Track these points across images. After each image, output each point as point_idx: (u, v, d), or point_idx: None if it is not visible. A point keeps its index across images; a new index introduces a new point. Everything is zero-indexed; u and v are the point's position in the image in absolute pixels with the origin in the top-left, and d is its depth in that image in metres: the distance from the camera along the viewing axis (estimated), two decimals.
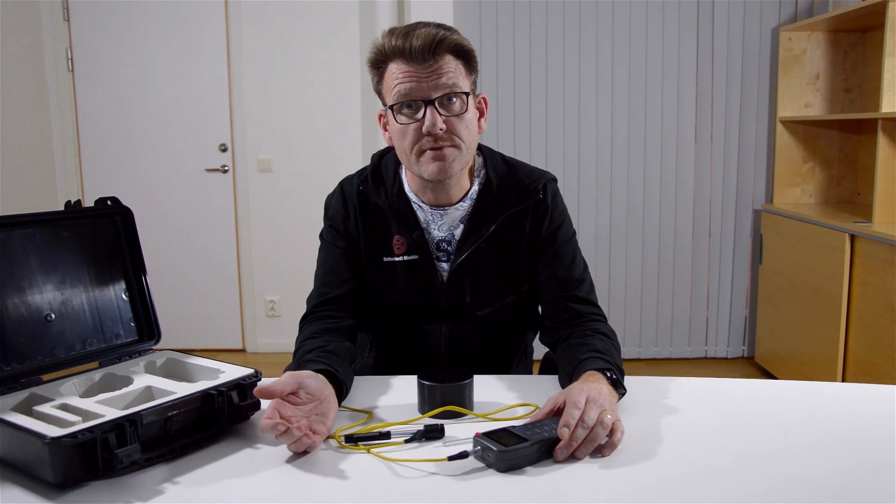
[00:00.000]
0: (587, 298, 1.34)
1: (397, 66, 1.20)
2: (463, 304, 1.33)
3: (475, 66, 1.26)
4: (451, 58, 1.20)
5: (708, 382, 1.25)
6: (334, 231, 1.37)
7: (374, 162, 1.39)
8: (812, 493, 0.87)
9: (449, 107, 1.21)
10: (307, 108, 3.79)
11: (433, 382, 1.10)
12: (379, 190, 1.35)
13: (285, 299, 3.95)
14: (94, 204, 1.17)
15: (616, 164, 3.64)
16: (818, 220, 3.00)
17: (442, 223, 1.33)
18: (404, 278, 1.33)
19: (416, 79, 1.19)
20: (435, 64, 1.19)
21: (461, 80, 1.22)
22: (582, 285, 1.34)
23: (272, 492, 0.89)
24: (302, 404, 1.01)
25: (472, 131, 1.25)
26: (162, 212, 3.88)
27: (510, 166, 1.37)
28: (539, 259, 1.35)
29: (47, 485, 0.88)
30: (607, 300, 3.73)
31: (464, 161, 1.26)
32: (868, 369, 2.69)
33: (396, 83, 1.20)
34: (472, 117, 1.25)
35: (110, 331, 1.16)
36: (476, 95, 1.28)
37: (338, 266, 1.36)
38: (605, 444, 0.98)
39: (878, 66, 2.94)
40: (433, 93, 1.19)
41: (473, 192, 1.33)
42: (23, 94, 3.62)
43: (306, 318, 1.34)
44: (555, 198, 1.37)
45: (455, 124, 1.22)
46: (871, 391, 1.20)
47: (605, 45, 3.56)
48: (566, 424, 0.96)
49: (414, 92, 1.19)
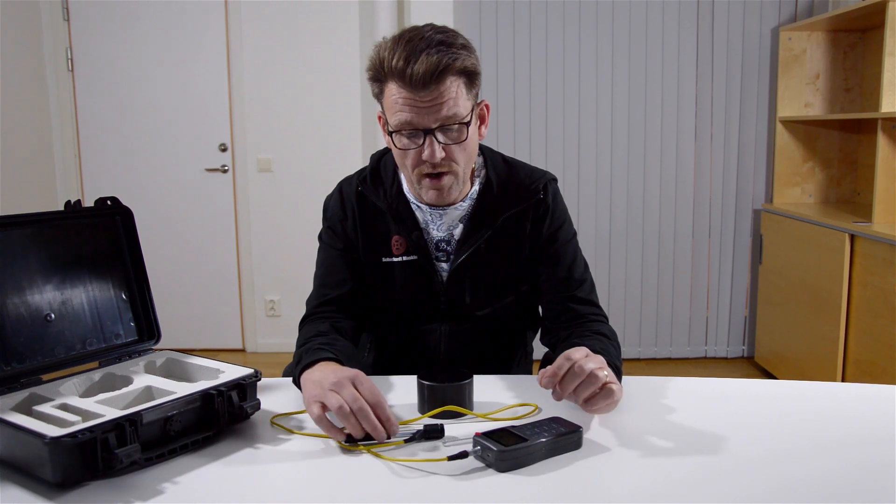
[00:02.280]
0: (588, 299, 1.34)
1: (397, 90, 1.17)
2: (462, 305, 1.33)
3: (478, 80, 1.23)
4: (452, 79, 1.16)
5: (708, 382, 1.25)
6: (332, 232, 1.38)
7: (373, 163, 1.38)
8: (812, 492, 0.87)
9: (448, 134, 1.20)
10: (307, 108, 3.79)
11: (433, 382, 1.10)
12: (378, 190, 1.35)
13: (285, 299, 3.95)
14: (94, 204, 1.17)
15: (616, 163, 3.64)
16: (818, 220, 3.00)
17: (441, 223, 1.33)
18: (403, 279, 1.33)
19: (415, 108, 1.16)
20: (436, 90, 1.15)
21: (462, 103, 1.18)
22: (583, 286, 1.34)
23: (272, 492, 0.89)
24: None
25: (471, 152, 1.25)
26: (162, 212, 3.88)
27: (510, 166, 1.37)
28: (539, 259, 1.35)
29: (47, 485, 0.88)
30: (607, 300, 3.73)
31: (461, 184, 1.27)
32: (868, 369, 2.69)
33: (396, 110, 1.18)
34: (471, 139, 1.24)
35: (110, 331, 1.16)
36: (478, 104, 1.27)
37: (337, 267, 1.36)
38: (602, 397, 1.03)
39: (877, 66, 2.94)
40: (433, 123, 1.17)
41: (473, 192, 1.33)
42: (22, 94, 3.62)
43: (306, 319, 1.34)
44: (555, 198, 1.36)
45: (454, 151, 1.21)
46: (871, 391, 1.20)
47: (605, 44, 3.56)
48: (557, 366, 1.02)
49: (414, 121, 1.17)
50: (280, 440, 1.02)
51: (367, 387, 1.01)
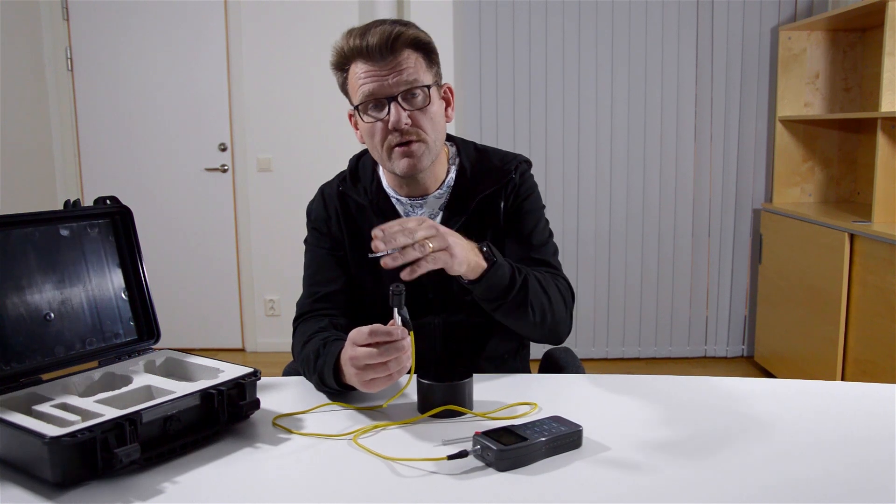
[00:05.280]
0: (543, 259, 1.35)
1: (359, 67, 1.24)
2: (451, 292, 1.34)
3: (436, 58, 1.29)
4: (409, 52, 1.23)
5: (707, 382, 1.25)
6: (318, 233, 1.40)
7: (352, 164, 1.43)
8: (812, 492, 0.87)
9: (412, 101, 1.24)
10: (307, 108, 3.78)
11: (432, 381, 1.10)
12: (358, 188, 1.38)
13: (285, 299, 3.94)
14: (94, 203, 1.17)
15: (616, 163, 3.64)
16: (818, 220, 3.00)
17: (422, 212, 1.36)
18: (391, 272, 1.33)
19: (377, 77, 1.22)
20: (394, 60, 1.22)
21: (422, 73, 1.24)
22: (543, 248, 1.36)
23: (272, 492, 0.89)
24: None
25: (437, 123, 1.28)
26: (161, 211, 3.88)
27: (482, 152, 1.41)
28: (508, 232, 1.37)
29: (47, 484, 0.88)
30: (607, 300, 3.73)
31: (433, 154, 1.29)
32: (867, 368, 2.69)
33: (360, 83, 1.24)
34: (437, 109, 1.28)
35: (110, 330, 1.16)
36: (441, 86, 1.31)
37: (325, 266, 1.38)
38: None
39: (877, 66, 2.94)
40: (395, 89, 1.22)
41: (450, 181, 1.37)
42: (22, 93, 3.62)
43: (300, 318, 1.35)
44: (524, 175, 1.39)
45: (419, 118, 1.25)
46: (871, 390, 1.20)
47: (605, 44, 3.56)
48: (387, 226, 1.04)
49: (377, 91, 1.23)
50: (280, 440, 1.02)
51: (362, 344, 1.05)
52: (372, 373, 1.03)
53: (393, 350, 1.02)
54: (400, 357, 1.02)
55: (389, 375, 1.03)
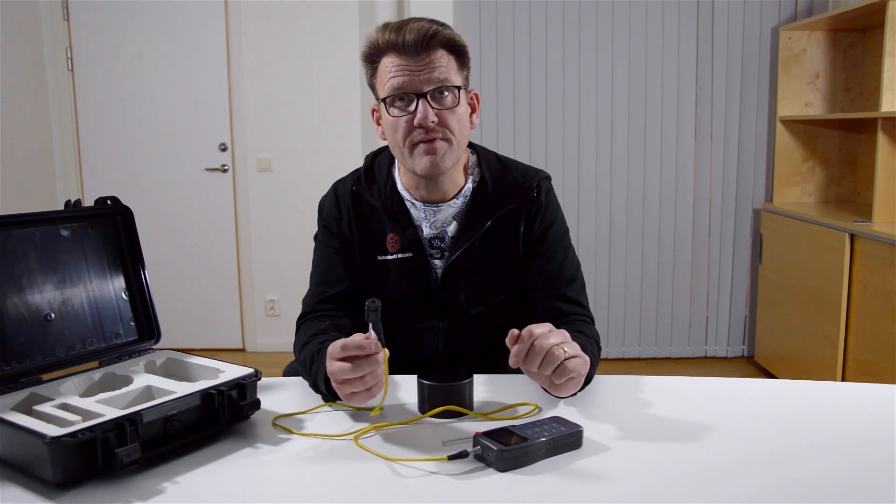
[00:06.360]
0: (576, 298, 1.33)
1: (390, 60, 1.22)
2: (457, 303, 1.33)
3: (467, 62, 1.28)
4: (443, 52, 1.22)
5: (708, 382, 1.25)
6: (328, 231, 1.39)
7: (367, 162, 1.40)
8: (812, 492, 0.87)
9: (441, 100, 1.23)
10: (307, 108, 3.79)
11: (433, 382, 1.10)
12: (372, 189, 1.36)
13: (285, 299, 3.95)
14: (94, 203, 1.17)
15: (616, 163, 3.64)
16: (818, 220, 3.00)
17: (435, 220, 1.34)
18: (398, 276, 1.34)
19: (408, 72, 1.21)
20: (427, 58, 1.20)
21: (453, 74, 1.23)
22: (572, 284, 1.34)
23: (272, 492, 0.89)
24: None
25: (463, 125, 1.27)
26: (162, 211, 3.88)
27: (504, 165, 1.38)
28: (531, 257, 1.35)
29: (47, 484, 0.88)
30: (607, 300, 3.73)
31: (455, 156, 1.27)
32: (867, 368, 2.69)
33: (389, 76, 1.22)
34: (463, 112, 1.26)
35: (110, 330, 1.16)
36: (468, 91, 1.30)
37: (333, 265, 1.37)
38: (557, 375, 1.00)
39: (877, 66, 2.94)
40: (425, 86, 1.21)
41: (468, 190, 1.34)
42: (22, 93, 3.62)
43: (304, 317, 1.35)
44: (548, 195, 1.37)
45: (446, 117, 1.23)
46: (871, 390, 1.20)
47: (605, 44, 3.56)
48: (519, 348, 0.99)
49: (406, 85, 1.21)
50: (280, 440, 1.02)
51: (337, 358, 1.03)
52: (349, 387, 1.01)
53: (367, 364, 1.00)
54: (375, 371, 1.01)
55: (368, 390, 1.01)
